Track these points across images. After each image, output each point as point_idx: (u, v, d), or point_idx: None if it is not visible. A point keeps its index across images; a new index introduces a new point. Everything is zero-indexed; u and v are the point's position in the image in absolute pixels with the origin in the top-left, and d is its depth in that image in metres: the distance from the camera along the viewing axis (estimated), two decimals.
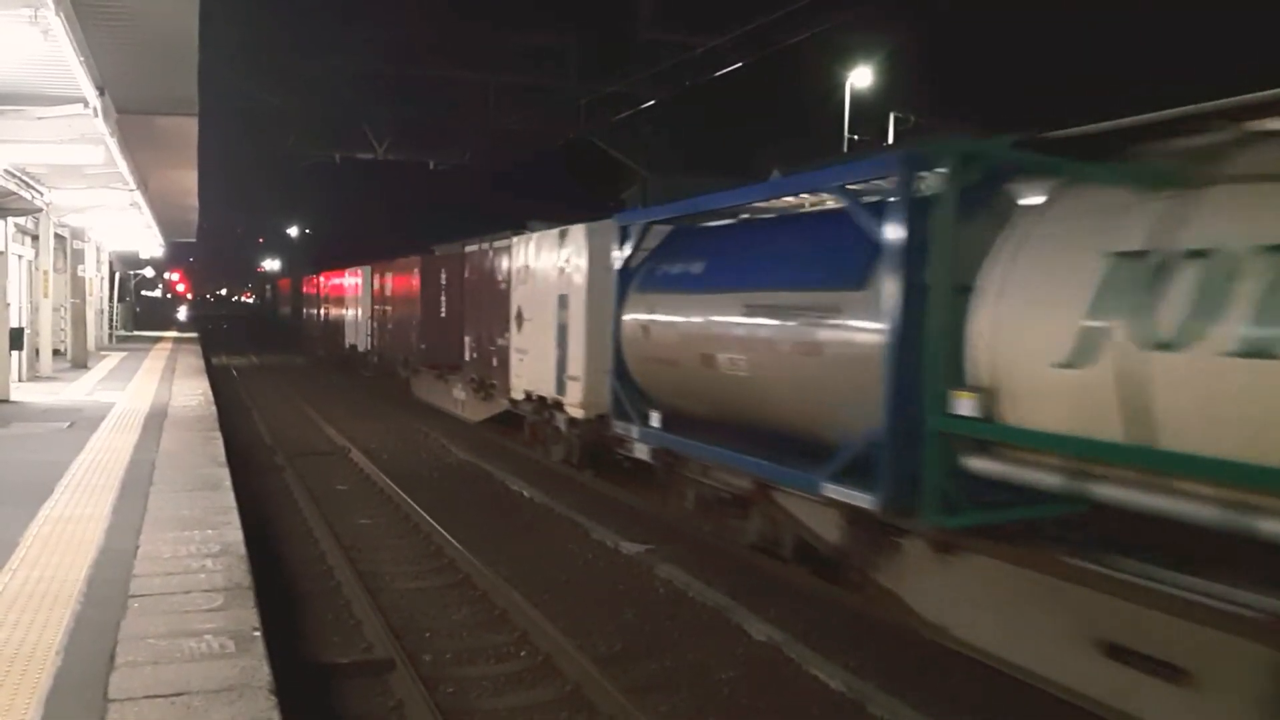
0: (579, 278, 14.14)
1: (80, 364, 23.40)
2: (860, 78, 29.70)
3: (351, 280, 34.58)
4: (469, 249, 20.62)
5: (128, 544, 7.31)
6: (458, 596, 9.01)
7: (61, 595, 6.09)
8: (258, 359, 41.27)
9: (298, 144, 31.95)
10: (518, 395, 16.67)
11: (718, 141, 32.35)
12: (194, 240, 41.88)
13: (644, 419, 10.66)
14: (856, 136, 29.55)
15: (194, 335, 44.34)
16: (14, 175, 15.23)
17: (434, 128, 31.72)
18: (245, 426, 19.26)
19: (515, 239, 16.99)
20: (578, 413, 14.15)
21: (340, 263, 39.20)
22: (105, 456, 11.05)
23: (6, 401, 15.64)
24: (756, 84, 29.85)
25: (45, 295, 20.07)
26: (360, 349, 32.79)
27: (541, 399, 15.61)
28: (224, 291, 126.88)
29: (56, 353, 22.54)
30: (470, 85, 28.82)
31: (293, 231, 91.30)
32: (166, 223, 28.60)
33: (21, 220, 18.97)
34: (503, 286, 17.67)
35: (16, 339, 17.35)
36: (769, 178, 11.33)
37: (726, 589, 8.90)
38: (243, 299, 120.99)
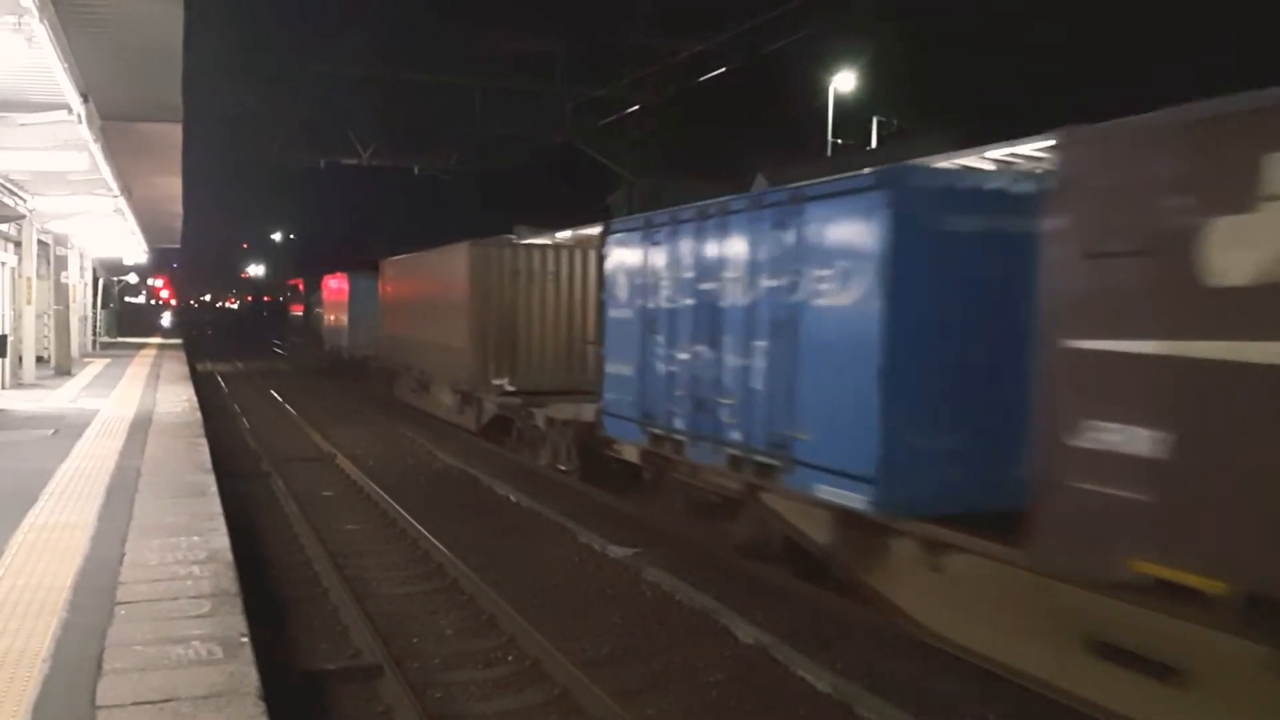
0: None
1: (64, 371, 23.26)
2: (844, 82, 29.81)
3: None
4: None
5: (114, 551, 7.29)
6: (445, 601, 9.01)
7: (48, 603, 6.07)
8: (242, 365, 41.08)
9: (282, 150, 31.88)
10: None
11: (703, 145, 32.44)
12: (178, 246, 41.65)
13: None
14: (840, 140, 29.67)
15: (178, 341, 44.10)
16: None
17: (419, 132, 31.71)
18: (231, 432, 19.18)
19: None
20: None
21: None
22: (90, 463, 11.00)
23: None
24: (742, 88, 29.99)
25: (28, 302, 19.96)
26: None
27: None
28: (208, 297, 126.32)
29: (40, 360, 22.39)
30: (456, 90, 28.82)
31: (276, 237, 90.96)
32: (150, 229, 28.45)
33: (4, 227, 18.88)
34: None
35: None
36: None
37: (714, 592, 8.92)
38: (227, 305, 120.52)
